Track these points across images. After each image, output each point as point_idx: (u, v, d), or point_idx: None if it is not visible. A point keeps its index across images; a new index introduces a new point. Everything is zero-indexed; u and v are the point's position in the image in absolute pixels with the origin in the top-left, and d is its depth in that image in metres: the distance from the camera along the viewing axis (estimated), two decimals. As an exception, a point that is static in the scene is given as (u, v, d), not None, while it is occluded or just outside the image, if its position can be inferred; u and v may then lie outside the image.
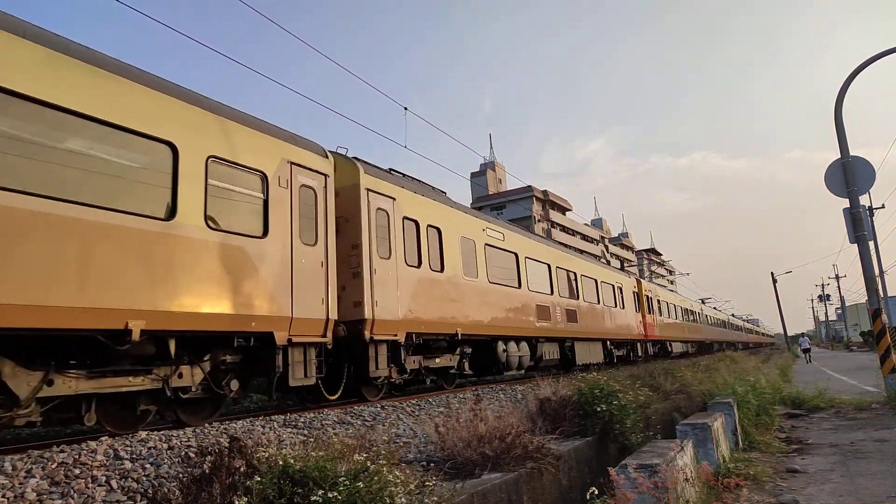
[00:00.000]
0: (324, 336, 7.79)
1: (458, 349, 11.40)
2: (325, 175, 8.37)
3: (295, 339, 7.22)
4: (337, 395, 8.83)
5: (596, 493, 3.96)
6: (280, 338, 7.00)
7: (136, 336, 5.38)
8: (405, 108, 14.59)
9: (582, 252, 30.97)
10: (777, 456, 7.37)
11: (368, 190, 9.30)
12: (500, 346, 12.67)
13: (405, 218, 10.12)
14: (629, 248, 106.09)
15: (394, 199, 9.93)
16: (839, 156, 11.42)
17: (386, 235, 9.49)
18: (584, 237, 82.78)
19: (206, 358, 6.56)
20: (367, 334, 8.63)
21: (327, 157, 8.63)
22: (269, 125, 7.77)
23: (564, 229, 77.80)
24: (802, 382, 15.50)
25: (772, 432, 8.74)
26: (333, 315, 7.94)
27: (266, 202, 7.17)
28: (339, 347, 8.48)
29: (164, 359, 6.01)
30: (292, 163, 7.73)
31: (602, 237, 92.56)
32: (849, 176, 11.18)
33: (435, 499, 3.18)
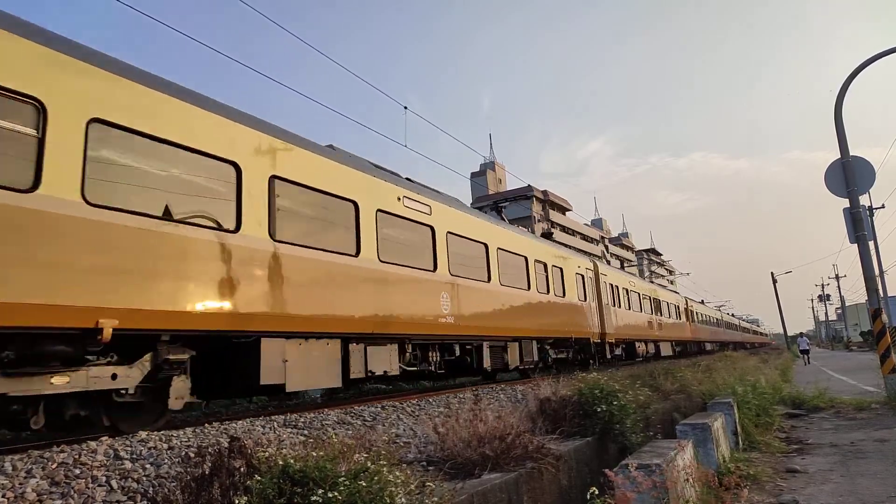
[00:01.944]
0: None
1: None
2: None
3: None
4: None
5: (596, 493, 3.97)
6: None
7: None
8: (405, 108, 14.60)
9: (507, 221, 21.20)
10: (777, 456, 7.37)
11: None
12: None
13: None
14: (629, 248, 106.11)
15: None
16: (839, 156, 11.43)
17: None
18: (584, 237, 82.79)
19: None
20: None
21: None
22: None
23: (564, 229, 77.83)
24: (802, 382, 15.50)
25: (772, 432, 8.74)
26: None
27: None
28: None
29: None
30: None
31: (602, 237, 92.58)
32: (849, 176, 11.19)
33: (435, 499, 3.18)
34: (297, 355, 7.44)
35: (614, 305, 20.62)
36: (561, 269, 16.48)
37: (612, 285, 20.91)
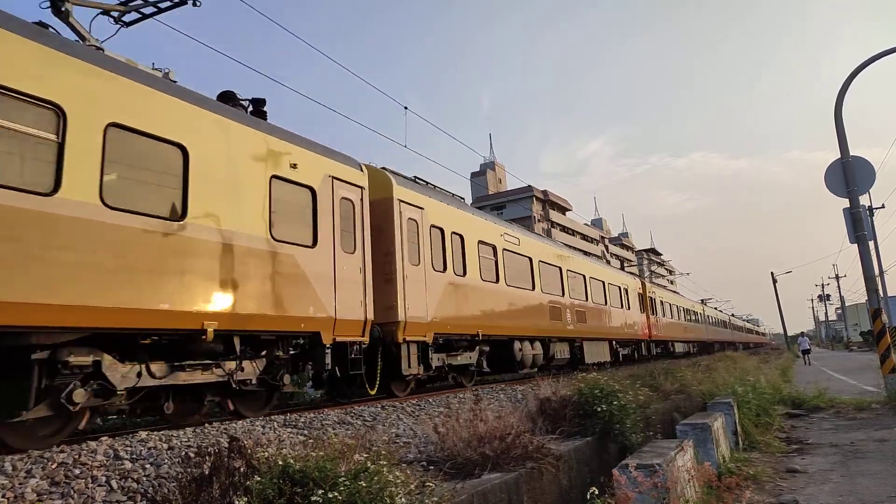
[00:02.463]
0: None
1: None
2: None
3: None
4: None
5: (596, 493, 3.96)
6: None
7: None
8: (405, 108, 14.60)
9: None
10: (777, 456, 7.37)
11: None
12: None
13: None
14: (629, 248, 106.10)
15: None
16: (839, 156, 11.43)
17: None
18: (584, 237, 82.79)
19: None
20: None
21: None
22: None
23: (564, 229, 77.80)
24: (803, 382, 15.50)
25: (772, 432, 8.74)
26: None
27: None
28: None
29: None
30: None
31: (602, 237, 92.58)
32: (849, 176, 11.18)
33: (435, 499, 3.18)
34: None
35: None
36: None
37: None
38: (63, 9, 6.10)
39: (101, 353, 5.53)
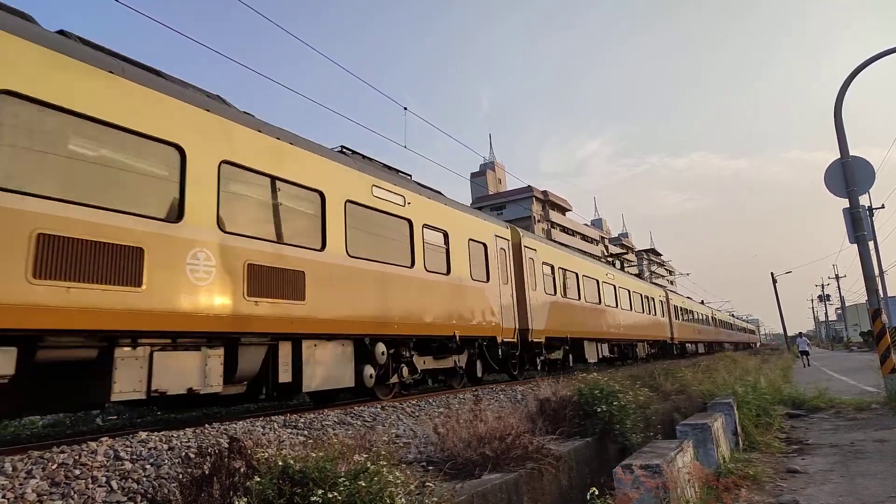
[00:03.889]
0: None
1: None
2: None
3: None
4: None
5: (596, 493, 3.97)
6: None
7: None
8: (405, 108, 14.61)
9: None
10: (777, 456, 7.37)
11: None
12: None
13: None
14: (629, 248, 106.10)
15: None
16: (838, 156, 11.43)
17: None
18: (584, 237, 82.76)
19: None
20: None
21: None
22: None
23: (564, 229, 77.79)
24: (802, 383, 15.50)
25: (772, 432, 8.74)
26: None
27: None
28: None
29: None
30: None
31: (602, 237, 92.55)
32: (849, 176, 11.18)
33: (435, 499, 3.18)
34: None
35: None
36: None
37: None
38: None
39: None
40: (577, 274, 18.13)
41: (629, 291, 23.99)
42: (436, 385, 12.53)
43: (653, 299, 27.83)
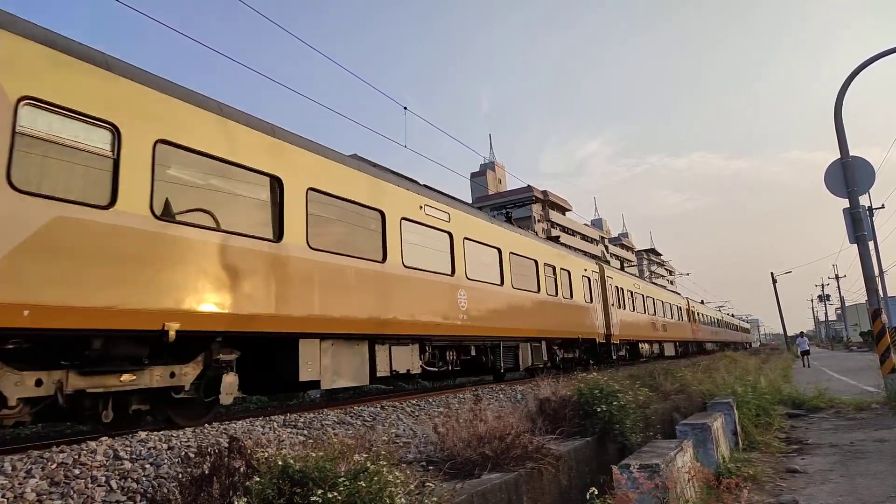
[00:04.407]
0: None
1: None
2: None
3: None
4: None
5: (596, 493, 3.96)
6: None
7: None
8: (405, 108, 14.60)
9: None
10: (777, 456, 7.37)
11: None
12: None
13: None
14: (629, 248, 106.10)
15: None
16: (838, 156, 11.42)
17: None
18: (584, 237, 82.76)
19: None
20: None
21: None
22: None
23: (564, 229, 77.80)
24: (802, 383, 15.50)
25: (772, 432, 8.74)
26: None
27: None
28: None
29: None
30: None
31: (602, 237, 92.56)
32: (849, 176, 11.17)
33: (435, 499, 3.18)
34: None
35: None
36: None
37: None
38: None
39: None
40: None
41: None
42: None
43: (589, 279, 19.58)
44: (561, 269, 16.63)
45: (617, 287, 22.16)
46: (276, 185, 7.37)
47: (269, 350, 7.33)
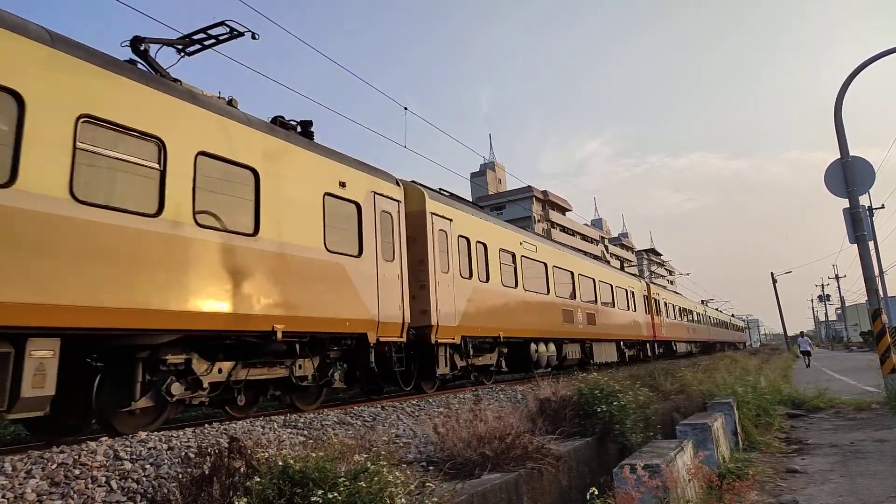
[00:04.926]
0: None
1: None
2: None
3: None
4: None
5: (596, 493, 3.96)
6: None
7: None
8: (405, 108, 14.60)
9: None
10: (777, 456, 7.37)
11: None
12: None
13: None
14: (629, 248, 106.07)
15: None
16: (838, 156, 11.42)
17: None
18: (584, 237, 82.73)
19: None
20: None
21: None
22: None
23: (564, 229, 77.75)
24: (802, 383, 15.50)
25: (772, 432, 8.73)
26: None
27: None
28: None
29: None
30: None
31: (602, 237, 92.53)
32: (849, 176, 11.17)
33: (435, 499, 3.18)
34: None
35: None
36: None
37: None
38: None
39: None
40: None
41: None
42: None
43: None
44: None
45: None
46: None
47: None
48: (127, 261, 5.44)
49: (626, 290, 23.66)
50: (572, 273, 18.15)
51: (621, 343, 22.00)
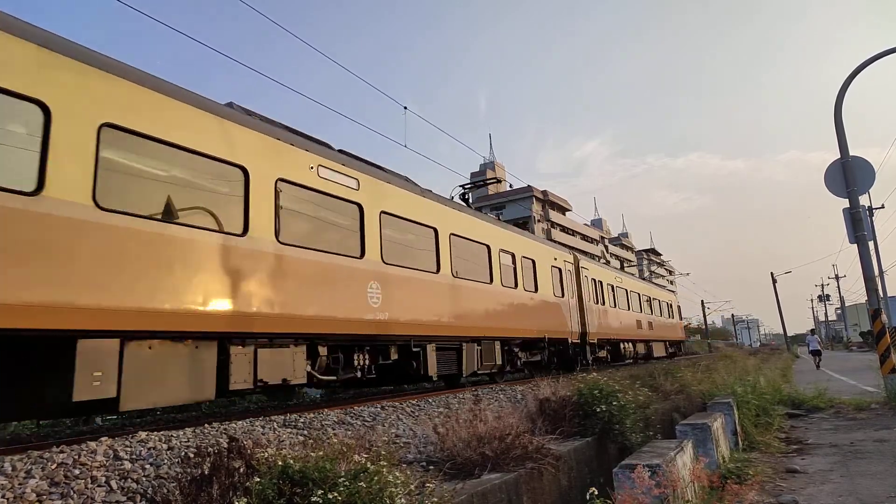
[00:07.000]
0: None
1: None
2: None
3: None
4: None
5: (596, 493, 3.96)
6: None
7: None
8: (405, 108, 14.60)
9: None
10: (777, 456, 7.37)
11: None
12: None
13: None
14: (629, 248, 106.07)
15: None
16: (837, 156, 11.42)
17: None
18: (584, 237, 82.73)
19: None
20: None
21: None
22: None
23: (564, 229, 77.75)
24: (802, 383, 15.50)
25: (772, 432, 8.74)
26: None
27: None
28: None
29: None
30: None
31: (602, 237, 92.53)
32: (849, 176, 11.17)
33: (435, 499, 3.18)
34: None
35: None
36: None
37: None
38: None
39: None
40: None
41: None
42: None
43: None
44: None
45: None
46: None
47: None
48: None
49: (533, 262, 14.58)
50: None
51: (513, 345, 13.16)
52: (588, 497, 3.96)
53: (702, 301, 74.48)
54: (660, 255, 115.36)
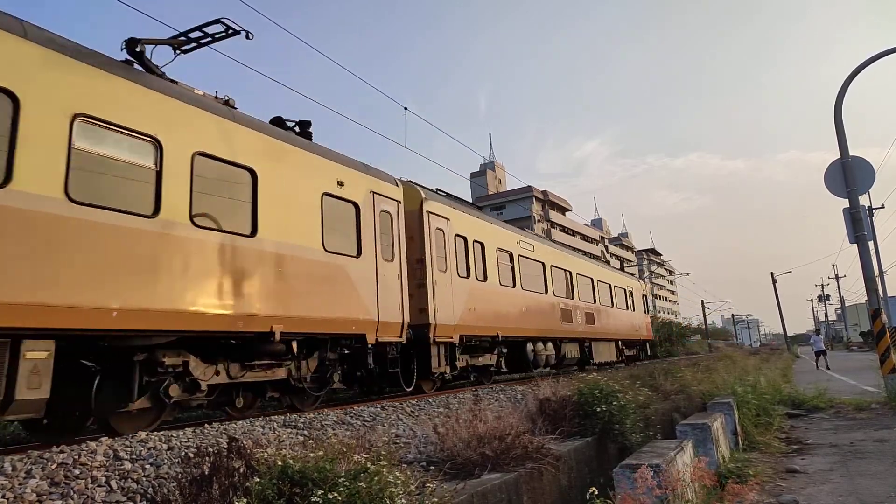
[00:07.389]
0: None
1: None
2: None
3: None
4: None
5: (596, 493, 3.96)
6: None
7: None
8: (405, 108, 14.60)
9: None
10: (777, 456, 7.37)
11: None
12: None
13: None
14: (629, 248, 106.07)
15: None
16: (837, 156, 11.42)
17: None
18: (584, 237, 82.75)
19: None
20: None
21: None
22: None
23: (564, 229, 77.77)
24: (802, 383, 15.50)
25: (772, 432, 8.73)
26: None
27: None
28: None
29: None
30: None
31: (602, 237, 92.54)
32: (848, 176, 11.17)
33: (435, 500, 3.18)
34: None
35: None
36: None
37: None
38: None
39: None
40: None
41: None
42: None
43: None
44: None
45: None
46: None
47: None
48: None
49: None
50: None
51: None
52: (588, 497, 3.96)
53: (702, 301, 74.56)
54: (660, 255, 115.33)
